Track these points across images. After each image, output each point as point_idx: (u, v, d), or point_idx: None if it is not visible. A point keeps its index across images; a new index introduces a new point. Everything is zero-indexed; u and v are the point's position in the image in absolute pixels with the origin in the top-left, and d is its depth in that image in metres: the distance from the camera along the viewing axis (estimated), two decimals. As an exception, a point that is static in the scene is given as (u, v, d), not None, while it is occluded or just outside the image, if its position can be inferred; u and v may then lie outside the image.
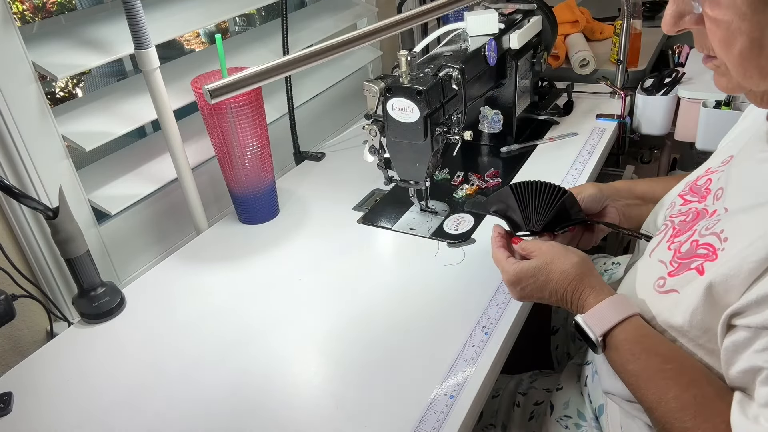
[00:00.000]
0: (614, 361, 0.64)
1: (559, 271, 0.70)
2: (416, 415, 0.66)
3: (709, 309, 0.55)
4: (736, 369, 0.53)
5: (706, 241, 0.59)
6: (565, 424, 0.80)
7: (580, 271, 0.69)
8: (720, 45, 0.54)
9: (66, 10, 2.42)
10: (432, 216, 1.03)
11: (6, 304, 0.75)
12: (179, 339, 0.82)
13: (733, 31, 0.52)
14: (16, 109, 0.81)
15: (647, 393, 0.59)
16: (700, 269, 0.57)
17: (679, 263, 0.61)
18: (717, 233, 0.58)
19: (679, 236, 0.64)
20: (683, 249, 0.62)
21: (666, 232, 0.68)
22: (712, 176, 0.68)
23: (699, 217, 0.64)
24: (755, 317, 0.50)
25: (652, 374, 0.59)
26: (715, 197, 0.64)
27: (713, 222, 0.60)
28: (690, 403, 0.55)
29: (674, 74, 1.29)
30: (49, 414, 0.72)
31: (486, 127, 1.24)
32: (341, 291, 0.88)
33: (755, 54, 0.53)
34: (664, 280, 0.62)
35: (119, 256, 1.01)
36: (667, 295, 0.61)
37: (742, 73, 0.55)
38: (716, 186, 0.66)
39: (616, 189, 0.86)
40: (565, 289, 0.70)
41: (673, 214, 0.69)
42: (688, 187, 0.72)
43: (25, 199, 0.76)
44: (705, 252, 0.58)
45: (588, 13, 1.66)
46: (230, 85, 0.74)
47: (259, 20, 2.15)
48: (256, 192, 1.04)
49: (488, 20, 1.08)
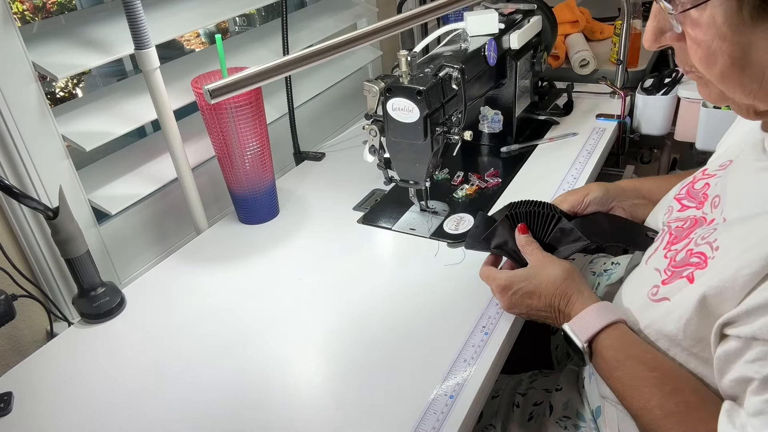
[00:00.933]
0: (600, 368, 0.64)
1: (547, 275, 0.72)
2: (416, 415, 0.66)
3: (703, 320, 0.55)
4: (728, 378, 0.53)
5: (699, 249, 0.59)
6: (564, 424, 0.80)
7: (568, 276, 0.71)
8: (701, 64, 0.54)
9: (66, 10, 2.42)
10: (432, 216, 1.03)
11: (6, 304, 0.75)
12: (179, 339, 0.82)
13: (713, 51, 0.52)
14: (16, 109, 0.81)
15: (632, 400, 0.59)
16: (690, 277, 0.58)
17: (672, 271, 0.61)
18: (710, 242, 0.58)
19: (675, 243, 0.64)
20: (678, 258, 0.62)
21: (663, 239, 0.68)
22: (710, 181, 0.68)
23: (696, 225, 0.64)
24: (745, 327, 0.50)
25: (636, 382, 0.59)
26: (712, 205, 0.64)
27: (710, 231, 0.60)
28: (673, 411, 0.56)
29: (674, 74, 1.29)
30: (49, 414, 0.72)
31: (486, 127, 1.24)
32: (341, 291, 0.88)
33: (737, 73, 0.52)
34: (657, 288, 0.62)
35: (119, 256, 1.01)
36: (660, 304, 0.61)
37: (725, 89, 0.55)
38: (713, 192, 0.66)
39: (623, 189, 0.86)
40: (553, 293, 0.70)
41: (671, 220, 0.69)
42: (685, 190, 0.72)
43: (25, 199, 0.76)
44: (696, 261, 0.58)
45: (588, 13, 1.66)
46: (230, 85, 0.74)
47: (259, 20, 2.15)
48: (256, 192, 1.04)
49: (488, 20, 1.08)
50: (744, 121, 0.75)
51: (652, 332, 0.61)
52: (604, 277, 1.00)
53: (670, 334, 0.59)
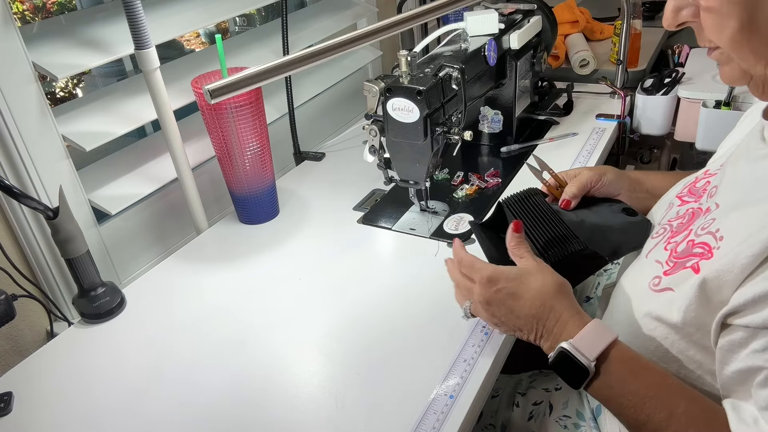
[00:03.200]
0: (608, 386, 0.60)
1: (539, 283, 0.65)
2: (416, 415, 0.66)
3: (703, 305, 0.55)
4: (731, 369, 0.52)
5: (702, 240, 0.59)
6: (564, 424, 0.80)
7: (562, 291, 0.65)
8: (712, 31, 0.56)
9: (66, 10, 2.42)
10: (432, 216, 1.03)
11: (6, 304, 0.75)
12: (179, 339, 0.82)
13: (722, 15, 0.54)
14: (16, 109, 0.81)
15: (654, 411, 0.56)
16: (696, 267, 0.57)
17: (675, 262, 0.61)
18: (713, 232, 0.58)
19: (675, 237, 0.64)
20: (679, 249, 0.61)
21: (663, 236, 0.67)
22: (711, 179, 0.68)
23: (694, 217, 0.64)
24: (754, 317, 0.50)
25: (657, 390, 0.57)
26: (709, 195, 0.65)
27: (708, 221, 0.60)
28: (699, 417, 0.54)
29: (674, 74, 1.29)
30: (49, 414, 0.72)
31: (486, 127, 1.24)
32: (341, 291, 0.88)
33: (746, 37, 0.54)
34: (659, 279, 0.62)
35: (119, 256, 1.01)
36: (662, 293, 0.60)
37: (738, 57, 0.56)
38: (713, 186, 0.66)
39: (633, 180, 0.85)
40: (542, 304, 0.64)
41: (671, 218, 0.69)
42: (686, 189, 0.72)
43: (25, 199, 0.76)
44: (701, 251, 0.58)
45: (588, 13, 1.66)
46: (230, 85, 0.74)
47: (259, 20, 2.16)
48: (256, 192, 1.04)
49: (488, 20, 1.08)
50: (744, 123, 0.75)
51: (649, 321, 0.61)
52: (603, 277, 1.00)
53: (671, 322, 0.58)
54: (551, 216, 0.78)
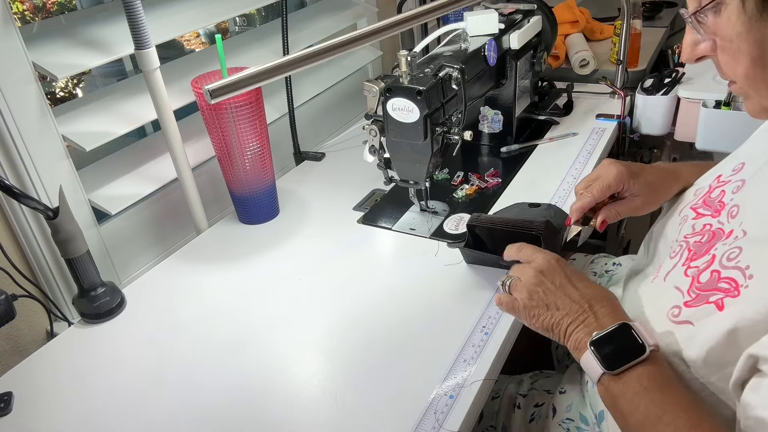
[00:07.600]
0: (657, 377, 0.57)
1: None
2: (416, 415, 0.66)
3: (730, 350, 0.52)
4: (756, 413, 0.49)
5: (729, 275, 0.55)
6: (567, 427, 0.79)
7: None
8: (726, 68, 0.56)
9: (66, 10, 2.42)
10: (432, 216, 1.03)
11: (6, 304, 0.75)
12: (179, 339, 0.82)
13: (734, 52, 0.54)
14: (16, 109, 0.81)
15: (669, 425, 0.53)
16: (720, 304, 0.54)
17: (697, 294, 0.58)
18: (741, 268, 0.55)
19: (695, 260, 0.61)
20: (702, 278, 0.58)
21: (681, 254, 0.64)
22: (725, 188, 0.66)
23: (715, 238, 0.61)
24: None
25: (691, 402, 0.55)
26: (730, 214, 0.62)
27: (734, 250, 0.57)
28: None
29: (674, 74, 1.29)
30: (49, 414, 0.72)
31: (486, 127, 1.24)
32: (341, 291, 0.88)
33: (759, 72, 0.54)
34: (679, 310, 0.59)
35: (119, 256, 1.01)
36: (682, 326, 0.58)
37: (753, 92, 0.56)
38: (730, 199, 0.63)
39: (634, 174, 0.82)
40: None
41: (687, 234, 0.67)
42: (701, 200, 0.69)
43: (25, 199, 0.76)
44: (727, 287, 0.55)
45: (588, 13, 1.66)
46: (230, 85, 0.74)
47: (259, 20, 2.16)
48: (256, 192, 1.04)
49: (488, 20, 1.08)
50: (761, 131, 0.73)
51: (668, 354, 0.59)
52: (605, 278, 1.00)
53: (689, 359, 0.56)
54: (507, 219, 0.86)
